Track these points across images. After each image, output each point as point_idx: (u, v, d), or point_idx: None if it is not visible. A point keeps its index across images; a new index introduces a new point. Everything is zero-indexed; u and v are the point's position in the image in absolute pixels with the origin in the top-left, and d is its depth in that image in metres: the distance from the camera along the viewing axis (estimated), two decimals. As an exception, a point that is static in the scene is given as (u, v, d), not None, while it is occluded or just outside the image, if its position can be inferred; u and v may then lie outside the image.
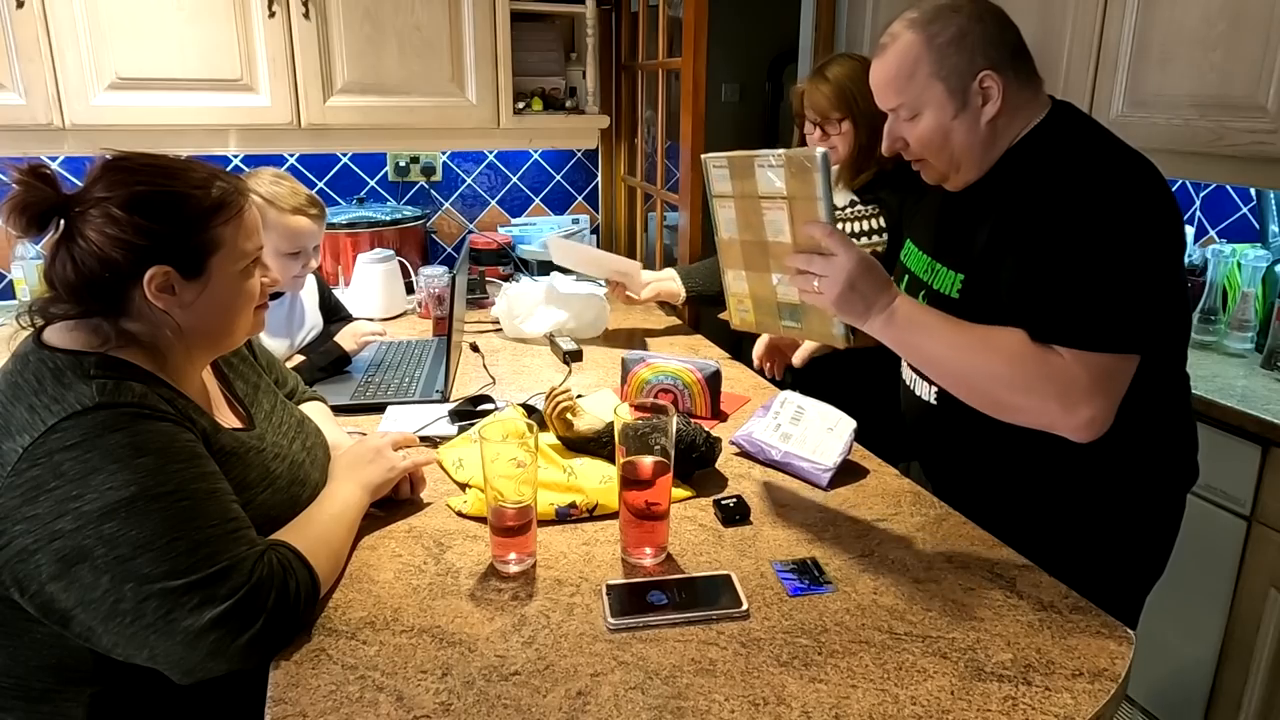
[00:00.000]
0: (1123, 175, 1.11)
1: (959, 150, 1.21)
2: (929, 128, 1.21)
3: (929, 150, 1.23)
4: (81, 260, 0.96)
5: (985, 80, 1.17)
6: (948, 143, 1.21)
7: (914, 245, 1.40)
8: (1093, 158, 1.14)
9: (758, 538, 1.21)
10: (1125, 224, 1.07)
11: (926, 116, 1.20)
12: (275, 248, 1.67)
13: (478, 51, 2.45)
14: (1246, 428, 1.69)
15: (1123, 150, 1.14)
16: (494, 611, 1.03)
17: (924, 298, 1.30)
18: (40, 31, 2.05)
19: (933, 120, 1.20)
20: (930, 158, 1.25)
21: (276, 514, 1.07)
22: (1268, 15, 1.67)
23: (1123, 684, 0.92)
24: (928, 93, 1.19)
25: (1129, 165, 1.12)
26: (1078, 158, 1.14)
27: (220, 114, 2.25)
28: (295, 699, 0.88)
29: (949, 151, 1.22)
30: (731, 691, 0.89)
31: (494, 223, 2.99)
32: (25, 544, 0.88)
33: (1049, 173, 1.14)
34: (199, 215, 0.99)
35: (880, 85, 1.24)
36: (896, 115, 1.24)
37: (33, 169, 0.96)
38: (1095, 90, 2.02)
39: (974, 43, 1.17)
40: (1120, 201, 1.09)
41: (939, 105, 1.19)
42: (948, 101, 1.19)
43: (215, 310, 1.03)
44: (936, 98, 1.19)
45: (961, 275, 1.23)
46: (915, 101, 1.21)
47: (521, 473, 1.08)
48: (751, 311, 1.11)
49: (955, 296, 1.24)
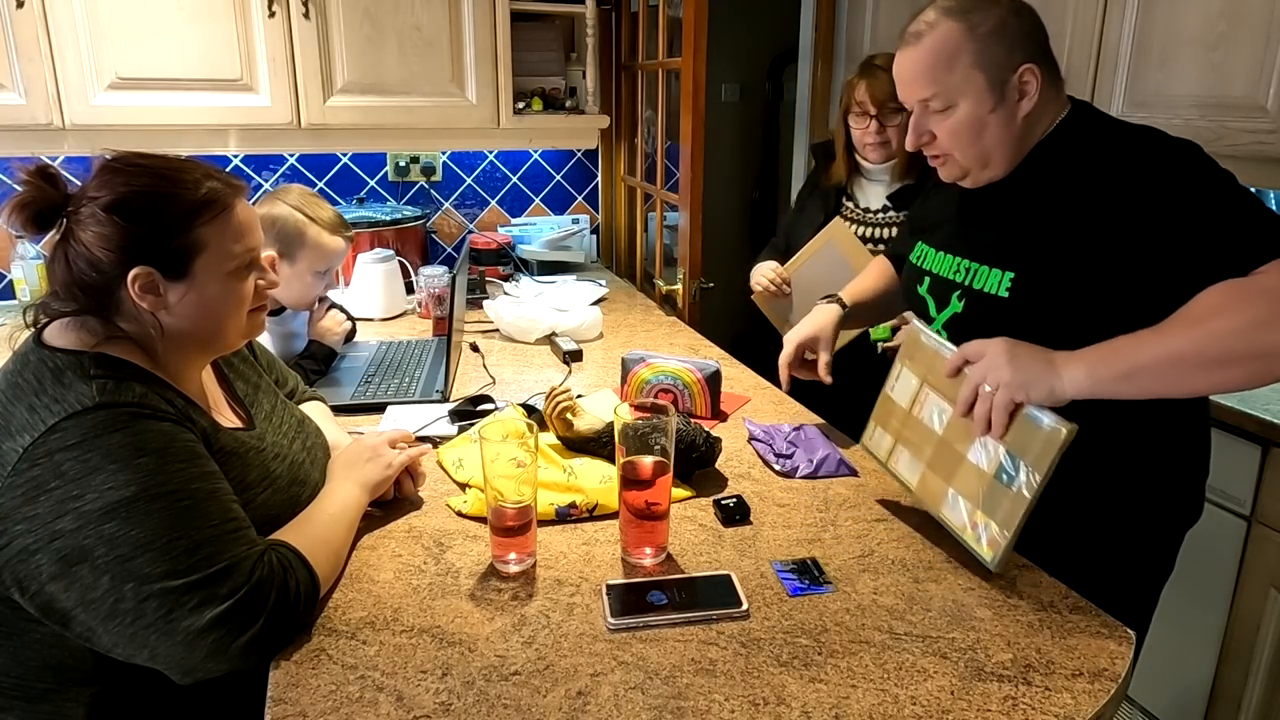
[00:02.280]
0: (1180, 146, 1.12)
1: (991, 145, 1.19)
2: (964, 120, 1.18)
3: (959, 144, 1.20)
4: (73, 260, 0.97)
5: (1025, 74, 1.15)
6: (980, 137, 1.18)
7: (931, 247, 1.36)
8: (1145, 139, 1.14)
9: (758, 538, 1.21)
10: (1208, 168, 1.09)
11: (962, 109, 1.17)
12: (310, 266, 1.74)
13: (478, 51, 2.45)
14: (1246, 428, 1.69)
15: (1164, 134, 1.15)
16: (494, 611, 1.03)
17: (961, 300, 1.27)
18: (40, 31, 2.05)
19: (969, 113, 1.17)
20: (958, 153, 1.21)
21: (277, 514, 1.07)
22: (1268, 15, 1.67)
23: (1123, 684, 0.92)
24: (968, 84, 1.16)
25: (1178, 142, 1.13)
26: (1132, 141, 1.14)
27: (220, 114, 2.26)
28: (295, 699, 0.88)
29: (980, 146, 1.19)
30: (731, 691, 0.89)
31: (494, 223, 2.99)
32: (25, 544, 0.88)
33: (1111, 160, 1.13)
34: (180, 216, 0.99)
35: (913, 75, 1.19)
36: (926, 107, 1.20)
37: (39, 169, 0.97)
38: (1095, 90, 2.02)
39: (1014, 35, 1.15)
40: (1193, 158, 1.10)
41: (978, 97, 1.16)
42: (987, 94, 1.16)
43: (202, 312, 1.02)
44: (976, 89, 1.16)
45: (1011, 273, 1.20)
46: (952, 92, 1.17)
47: (521, 473, 1.08)
48: (989, 522, 1.03)
49: (1004, 295, 1.20)
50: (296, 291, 1.77)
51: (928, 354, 1.23)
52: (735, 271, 4.13)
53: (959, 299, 1.28)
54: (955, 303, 1.28)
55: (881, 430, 1.31)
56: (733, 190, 4.42)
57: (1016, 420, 1.07)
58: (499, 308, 2.18)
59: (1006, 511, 1.06)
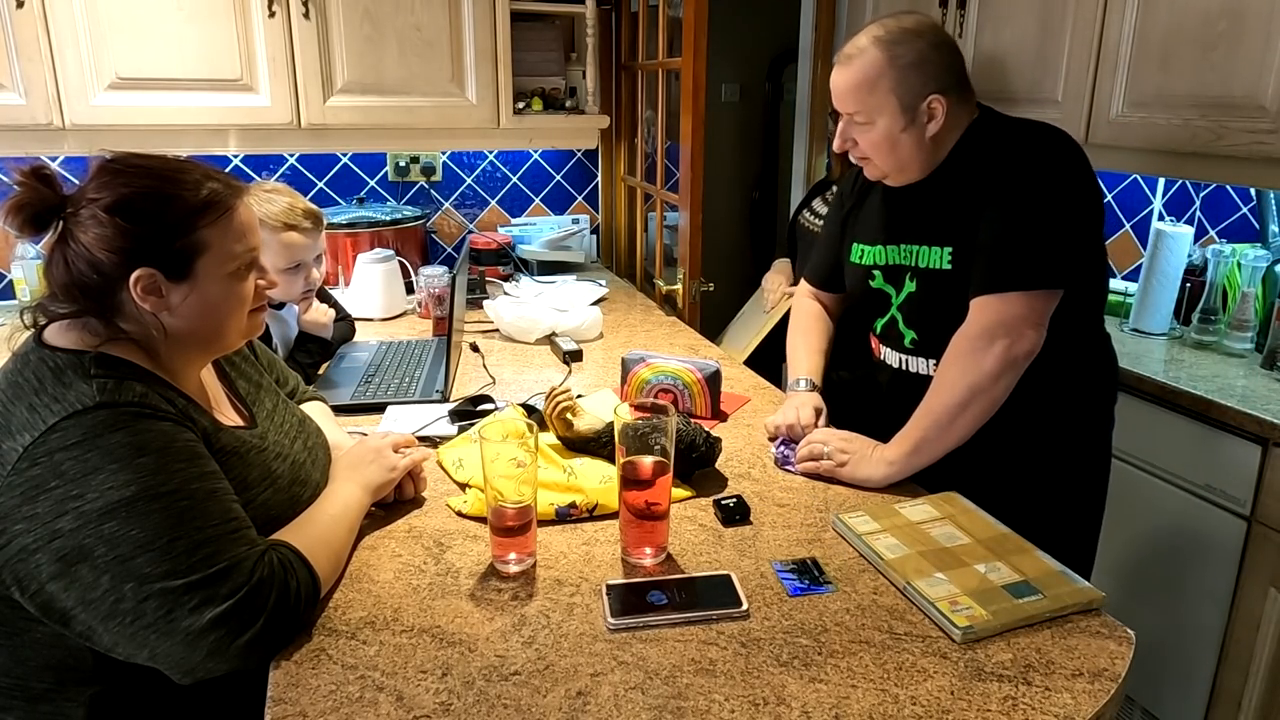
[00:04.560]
0: (1047, 153, 1.35)
1: (905, 157, 1.41)
2: (880, 135, 1.39)
3: (877, 154, 1.42)
4: (72, 261, 0.96)
5: (933, 103, 1.36)
6: (895, 150, 1.40)
7: (869, 245, 1.55)
8: (1024, 142, 1.37)
9: (758, 538, 1.21)
10: (1055, 181, 1.33)
11: (880, 125, 1.38)
12: (273, 265, 1.68)
13: (478, 51, 2.45)
14: (1246, 428, 1.69)
15: (1050, 133, 1.37)
16: (494, 611, 1.03)
17: (913, 280, 1.47)
18: (40, 31, 2.05)
19: (885, 130, 1.38)
20: (877, 160, 1.43)
21: (277, 514, 1.07)
22: (1268, 15, 1.67)
23: (1123, 684, 0.92)
24: (886, 105, 1.36)
25: (1051, 148, 1.35)
26: (1013, 141, 1.37)
27: (220, 114, 2.25)
28: (295, 699, 0.88)
29: (896, 157, 1.41)
30: (731, 691, 0.89)
31: (494, 223, 2.99)
32: (25, 543, 0.88)
33: (994, 155, 1.36)
34: (183, 217, 0.98)
35: (842, 93, 1.40)
36: (851, 119, 1.41)
37: (34, 170, 0.96)
38: (1095, 90, 2.02)
39: (930, 69, 1.35)
40: (1048, 168, 1.33)
41: (893, 117, 1.37)
42: (900, 116, 1.37)
43: (204, 313, 1.02)
44: (891, 111, 1.36)
45: (950, 248, 1.40)
46: (872, 111, 1.38)
47: (521, 473, 1.08)
48: (975, 607, 1.03)
49: (949, 267, 1.41)
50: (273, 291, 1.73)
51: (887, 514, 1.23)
52: (735, 271, 4.14)
53: (911, 279, 1.48)
54: (909, 283, 1.48)
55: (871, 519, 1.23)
56: (733, 190, 4.42)
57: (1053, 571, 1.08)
58: (499, 308, 2.18)
59: (1004, 610, 1.00)
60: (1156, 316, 2.16)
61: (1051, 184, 1.33)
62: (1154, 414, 1.88)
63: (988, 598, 1.03)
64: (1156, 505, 1.89)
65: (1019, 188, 1.33)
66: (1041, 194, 1.32)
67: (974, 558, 1.11)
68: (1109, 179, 2.61)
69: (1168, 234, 2.12)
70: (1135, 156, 1.98)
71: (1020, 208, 1.32)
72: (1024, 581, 1.06)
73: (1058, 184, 1.33)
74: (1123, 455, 1.96)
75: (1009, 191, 1.33)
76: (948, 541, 1.16)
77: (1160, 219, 2.44)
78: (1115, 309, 2.36)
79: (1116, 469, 1.73)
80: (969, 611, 1.00)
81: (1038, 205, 1.32)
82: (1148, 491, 1.91)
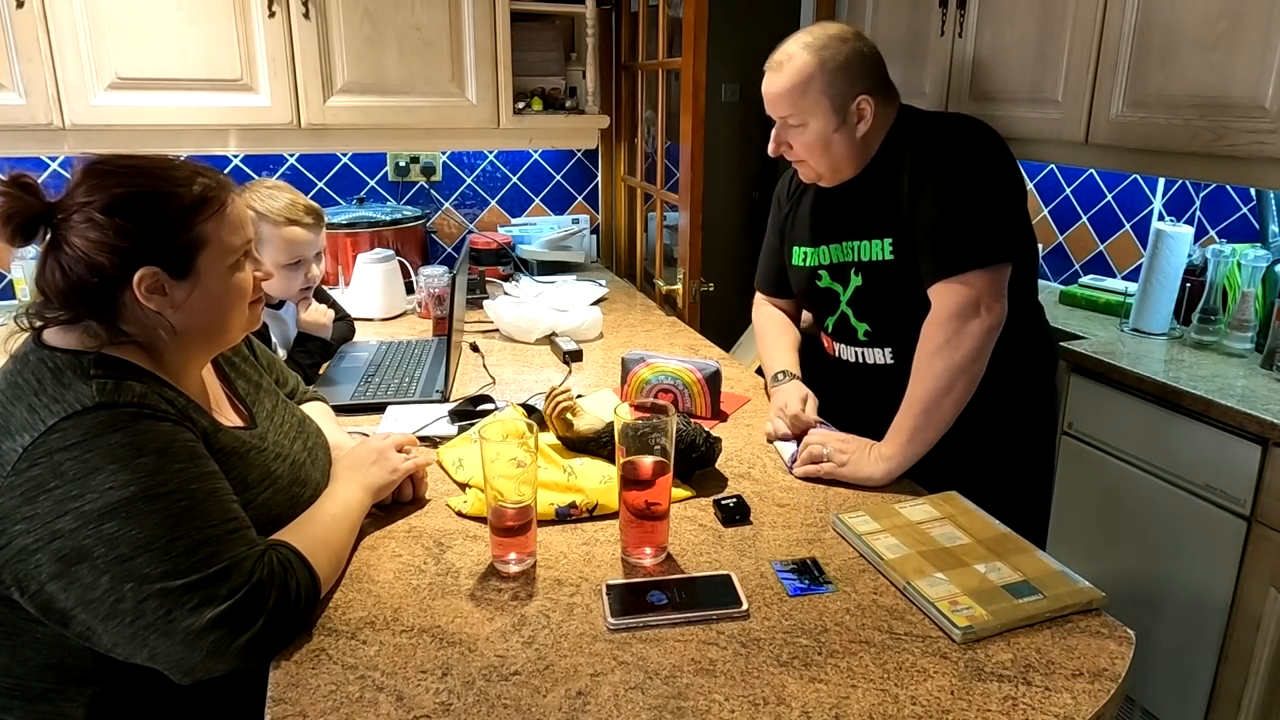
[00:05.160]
0: (966, 138, 1.41)
1: (838, 156, 1.47)
2: (814, 136, 1.45)
3: (811, 155, 1.48)
4: (69, 267, 0.95)
5: (862, 103, 1.44)
6: (828, 150, 1.46)
7: (810, 247, 1.60)
8: (944, 130, 1.43)
9: (758, 538, 1.21)
10: (979, 162, 1.39)
11: (813, 127, 1.45)
12: (274, 260, 1.68)
13: (478, 51, 2.45)
14: (1246, 428, 1.69)
15: (968, 122, 1.45)
16: (494, 611, 1.03)
17: (858, 274, 1.53)
18: (40, 31, 2.05)
19: (818, 131, 1.45)
20: (811, 161, 1.49)
21: (277, 514, 1.07)
22: (1268, 15, 1.67)
23: (1123, 684, 0.92)
24: (817, 107, 1.43)
25: (969, 133, 1.42)
26: (933, 131, 1.43)
27: (220, 114, 2.25)
28: (295, 699, 0.88)
29: (830, 157, 1.47)
30: (731, 691, 0.89)
31: (494, 223, 2.99)
32: (25, 543, 0.88)
33: (917, 146, 1.42)
34: (181, 213, 0.98)
35: (775, 98, 1.46)
36: (785, 123, 1.47)
37: (14, 178, 0.94)
38: (1095, 90, 2.02)
39: (856, 70, 1.43)
40: (971, 151, 1.40)
41: (825, 119, 1.44)
42: (832, 116, 1.43)
43: (208, 307, 1.03)
44: (824, 112, 1.43)
45: (890, 239, 1.46)
46: (804, 114, 1.44)
47: (521, 473, 1.08)
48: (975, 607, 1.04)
49: (891, 257, 1.47)
50: (273, 287, 1.74)
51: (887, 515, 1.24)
52: (735, 271, 4.14)
53: (856, 274, 1.53)
54: (855, 278, 1.54)
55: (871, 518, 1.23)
56: (733, 190, 4.42)
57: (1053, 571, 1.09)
58: (499, 308, 2.18)
59: (1004, 610, 1.01)
60: (1156, 316, 2.17)
61: (979, 165, 1.39)
62: (1154, 414, 1.88)
63: (988, 598, 1.03)
64: (1156, 505, 1.89)
65: (950, 172, 1.39)
66: (972, 175, 1.39)
67: (974, 558, 1.12)
68: (1109, 179, 2.61)
69: (1168, 234, 2.12)
70: (1135, 156, 1.99)
71: (955, 191, 1.38)
72: (1024, 581, 1.06)
73: (984, 165, 1.40)
74: (1123, 455, 1.96)
75: (940, 177, 1.39)
76: (948, 541, 1.16)
77: (1160, 219, 2.44)
78: (1115, 309, 2.36)
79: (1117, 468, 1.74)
80: (969, 611, 1.01)
81: (971, 186, 1.38)
82: (1148, 491, 1.91)
